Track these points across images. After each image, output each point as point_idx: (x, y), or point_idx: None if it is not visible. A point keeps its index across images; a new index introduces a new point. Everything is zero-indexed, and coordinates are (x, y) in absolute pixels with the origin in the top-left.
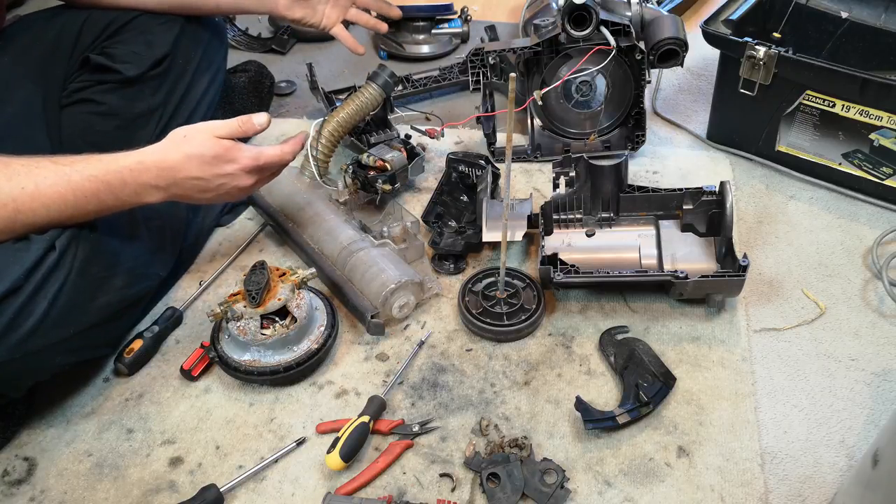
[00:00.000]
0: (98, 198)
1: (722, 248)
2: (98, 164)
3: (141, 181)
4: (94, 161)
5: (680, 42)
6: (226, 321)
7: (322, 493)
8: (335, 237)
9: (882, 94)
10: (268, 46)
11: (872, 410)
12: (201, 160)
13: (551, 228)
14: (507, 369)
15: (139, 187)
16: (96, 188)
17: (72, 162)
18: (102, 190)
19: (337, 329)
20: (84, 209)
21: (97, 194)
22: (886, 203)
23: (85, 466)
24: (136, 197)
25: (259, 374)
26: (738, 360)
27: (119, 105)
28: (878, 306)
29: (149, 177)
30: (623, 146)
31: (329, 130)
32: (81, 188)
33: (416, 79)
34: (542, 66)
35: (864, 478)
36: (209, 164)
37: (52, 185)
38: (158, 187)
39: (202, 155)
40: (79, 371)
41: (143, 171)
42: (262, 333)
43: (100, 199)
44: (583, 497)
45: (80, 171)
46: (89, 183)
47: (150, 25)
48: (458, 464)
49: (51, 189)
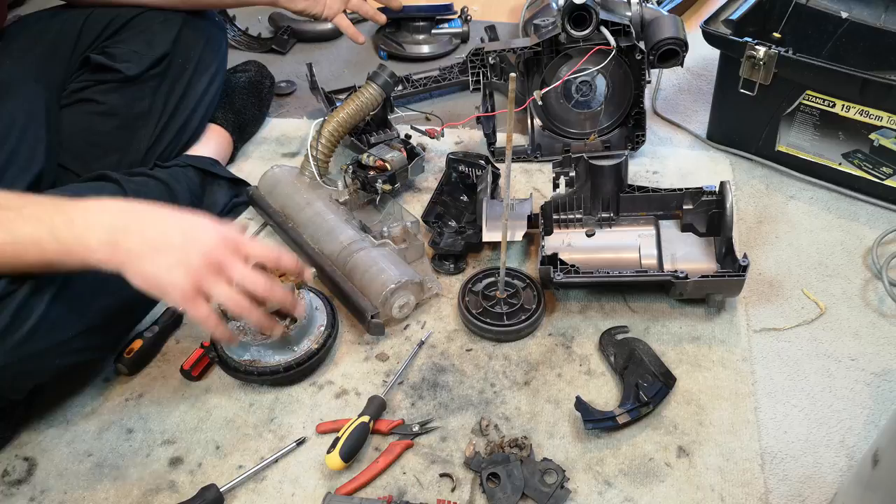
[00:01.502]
0: (39, 245)
1: (722, 248)
2: (50, 204)
3: (90, 219)
4: (48, 202)
5: (680, 42)
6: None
7: (322, 493)
8: (335, 237)
9: (882, 94)
10: (268, 46)
11: (872, 410)
12: (176, 214)
13: (551, 228)
14: (507, 369)
15: (86, 229)
16: (38, 233)
17: (22, 205)
18: (45, 235)
19: (337, 329)
20: (24, 259)
21: (38, 242)
22: (886, 203)
23: (85, 466)
24: (79, 243)
25: (259, 374)
26: (738, 360)
27: (119, 104)
28: (878, 306)
29: (102, 215)
30: (623, 146)
31: (329, 130)
32: (22, 235)
33: (416, 79)
34: (542, 66)
35: (864, 478)
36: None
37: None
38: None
39: (185, 216)
40: (79, 371)
41: (99, 207)
42: (261, 333)
43: (40, 246)
44: (583, 497)
45: (28, 215)
46: (32, 229)
47: (150, 24)
48: (458, 464)
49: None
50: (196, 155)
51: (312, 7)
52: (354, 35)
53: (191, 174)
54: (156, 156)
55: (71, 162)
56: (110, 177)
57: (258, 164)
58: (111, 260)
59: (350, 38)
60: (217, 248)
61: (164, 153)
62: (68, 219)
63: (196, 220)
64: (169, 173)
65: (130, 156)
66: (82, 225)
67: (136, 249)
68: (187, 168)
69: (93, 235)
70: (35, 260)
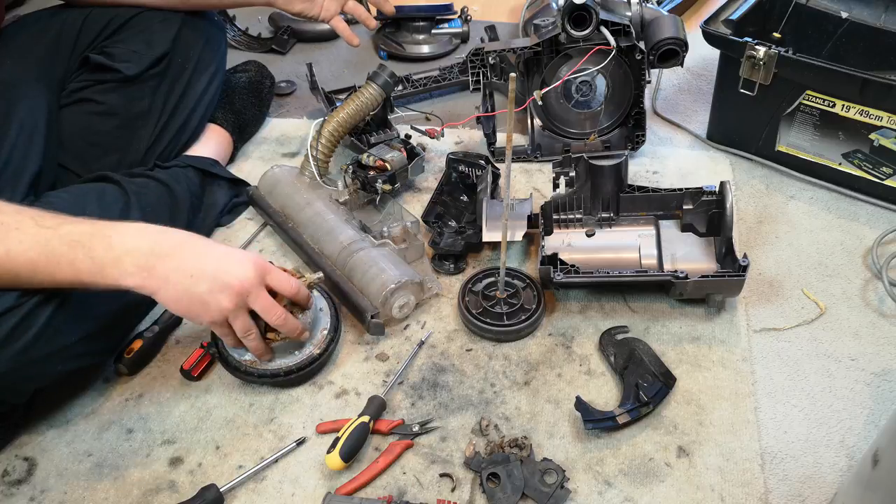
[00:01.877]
0: (73, 265)
1: (722, 248)
2: (87, 226)
3: (127, 243)
4: (85, 223)
5: (680, 42)
6: None
7: (322, 493)
8: (335, 237)
9: (882, 94)
10: (268, 46)
11: (872, 410)
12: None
13: (551, 228)
14: (507, 369)
15: (124, 252)
16: (74, 253)
17: (58, 224)
18: (81, 255)
19: (340, 333)
20: (54, 276)
21: (73, 262)
22: (886, 203)
23: (85, 466)
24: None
25: (259, 376)
26: (738, 360)
27: (119, 104)
28: (878, 306)
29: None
30: (623, 146)
31: (329, 130)
32: (58, 254)
33: (416, 79)
34: (542, 66)
35: (864, 478)
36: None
37: (25, 250)
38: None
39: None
40: (79, 371)
41: (137, 232)
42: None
43: (74, 266)
44: (583, 497)
45: (64, 234)
46: (69, 248)
47: (149, 24)
48: (458, 464)
49: (20, 256)
50: (196, 155)
51: (309, 9)
52: (349, 38)
53: (191, 174)
54: (155, 156)
55: (71, 162)
56: (111, 177)
57: (258, 164)
58: (144, 285)
59: (345, 40)
60: (247, 280)
61: (164, 153)
62: (106, 243)
63: (230, 252)
64: (169, 174)
65: (130, 156)
66: (120, 249)
67: (171, 277)
68: (187, 168)
69: (130, 260)
70: (67, 279)
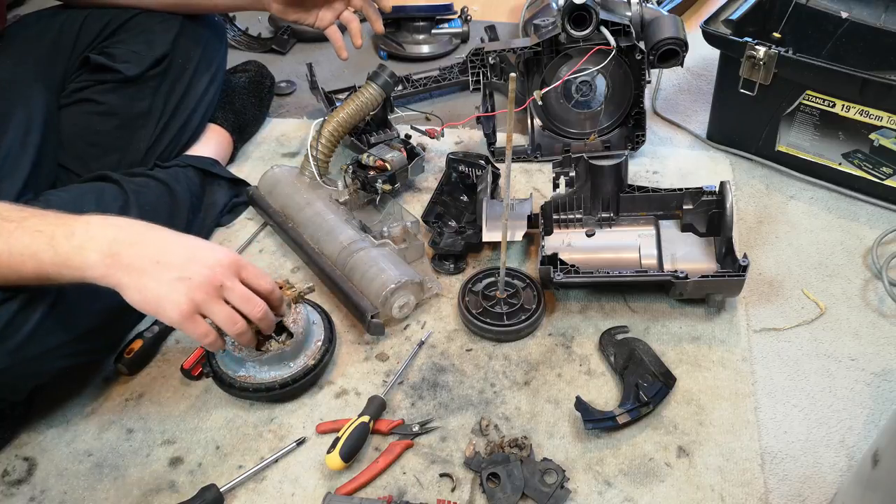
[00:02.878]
0: (36, 257)
1: (722, 248)
2: (52, 217)
3: (91, 232)
4: (51, 216)
5: (680, 42)
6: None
7: (322, 493)
8: (335, 237)
9: (882, 94)
10: (268, 46)
11: (872, 410)
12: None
13: (551, 228)
14: (507, 369)
15: (87, 240)
16: (37, 244)
17: (24, 217)
18: (43, 246)
19: (334, 344)
20: (19, 271)
21: (36, 253)
22: (886, 203)
23: (85, 466)
24: (78, 254)
25: (254, 391)
26: (738, 360)
27: (119, 105)
28: (878, 306)
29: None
30: (623, 146)
31: (329, 130)
32: (20, 245)
33: (416, 79)
34: (542, 66)
35: (864, 478)
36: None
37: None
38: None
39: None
40: (79, 371)
41: (101, 222)
42: (257, 349)
43: (37, 258)
44: (583, 497)
45: (28, 226)
46: (31, 239)
47: (149, 25)
48: (458, 464)
49: None
50: (196, 155)
51: (305, 18)
52: (339, 49)
53: (191, 174)
54: (156, 156)
55: (71, 162)
56: (110, 177)
57: (258, 164)
58: (108, 274)
59: (335, 51)
60: (219, 267)
61: (164, 153)
62: (69, 231)
63: (199, 241)
64: (169, 173)
65: (130, 156)
66: (83, 237)
67: (136, 264)
68: (187, 168)
69: (93, 248)
70: (32, 272)
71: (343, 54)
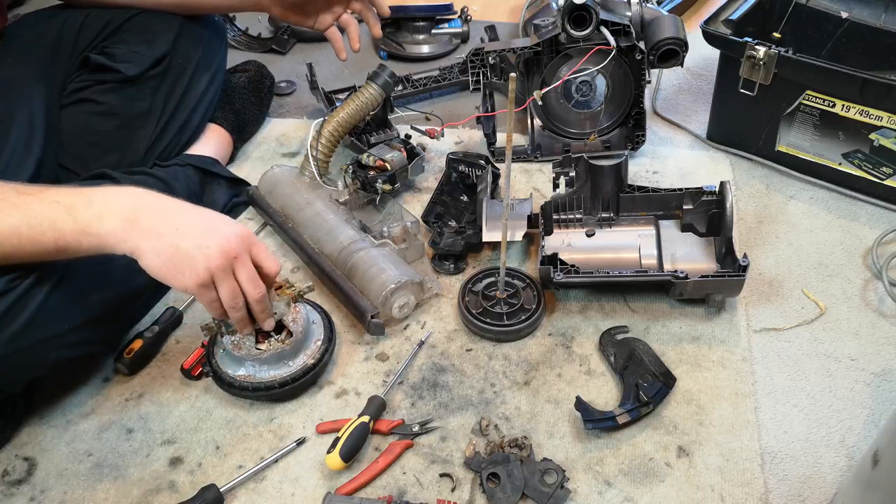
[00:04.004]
0: (55, 226)
1: (722, 248)
2: (69, 189)
3: (110, 199)
4: (69, 188)
5: (680, 42)
6: (220, 335)
7: (322, 493)
8: (335, 237)
9: (882, 94)
10: (268, 46)
11: (872, 410)
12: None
13: (551, 228)
14: (507, 369)
15: (106, 208)
16: (56, 213)
17: (41, 190)
18: (62, 215)
19: (334, 344)
20: (38, 242)
21: (55, 223)
22: (886, 203)
23: (85, 466)
24: (98, 221)
25: (254, 390)
26: (738, 360)
27: (119, 104)
28: (878, 306)
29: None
30: (623, 146)
31: (329, 130)
32: (39, 217)
33: (416, 79)
34: (542, 66)
35: (864, 478)
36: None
37: (7, 217)
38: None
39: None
40: (79, 371)
41: (121, 191)
42: (257, 348)
43: (56, 228)
44: (583, 497)
45: (45, 198)
46: (49, 209)
47: (149, 24)
48: (458, 464)
49: (5, 223)
50: (196, 154)
51: (304, 21)
52: (338, 51)
53: (190, 173)
54: (155, 155)
55: (71, 162)
56: (110, 175)
57: (258, 164)
58: (127, 239)
59: (335, 52)
60: (234, 239)
61: (164, 153)
62: (86, 200)
63: (215, 213)
64: (168, 172)
65: (130, 155)
66: (101, 205)
67: (155, 228)
68: (187, 167)
69: (112, 214)
70: (51, 242)
71: (342, 55)
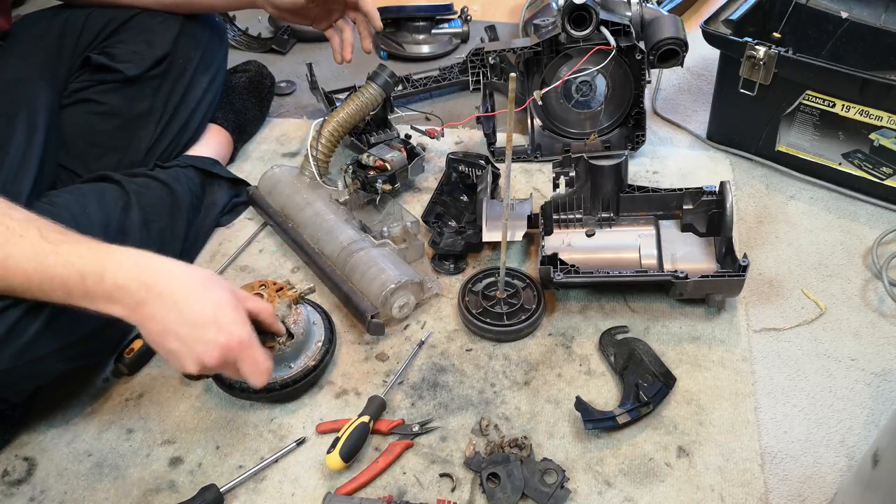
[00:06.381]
0: (66, 287)
1: (722, 248)
2: (85, 248)
3: (119, 277)
4: (84, 246)
5: (680, 42)
6: None
7: (322, 493)
8: (335, 237)
9: (882, 94)
10: (268, 46)
11: (872, 410)
12: (210, 291)
13: (551, 228)
14: (507, 369)
15: (115, 288)
16: (68, 274)
17: (60, 241)
18: (74, 279)
19: (334, 345)
20: (47, 294)
21: (66, 283)
22: (886, 203)
23: (85, 466)
24: (106, 300)
25: (254, 392)
26: (738, 360)
27: (119, 105)
28: (878, 306)
29: (134, 273)
30: (623, 146)
31: (329, 130)
32: (52, 273)
33: (416, 79)
34: (542, 66)
35: (864, 478)
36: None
37: (23, 261)
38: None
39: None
40: (79, 371)
41: (133, 265)
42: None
43: (67, 289)
44: (583, 497)
45: (62, 253)
46: (63, 269)
47: (149, 25)
48: (458, 464)
49: (17, 266)
50: (196, 155)
51: (301, 21)
52: (335, 52)
53: (191, 174)
54: (156, 156)
55: (71, 162)
56: (111, 177)
57: (258, 164)
58: (132, 317)
59: (333, 52)
60: (236, 339)
61: (165, 153)
62: (99, 273)
63: (223, 304)
64: (170, 174)
65: (130, 156)
66: (111, 283)
67: (159, 316)
68: (188, 168)
69: (119, 296)
70: (59, 298)
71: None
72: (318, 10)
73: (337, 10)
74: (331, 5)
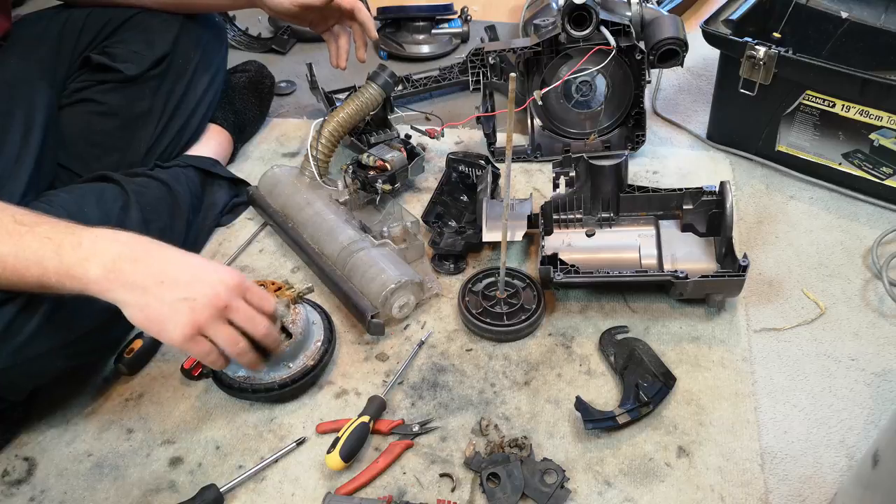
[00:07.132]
0: (41, 264)
1: (722, 248)
2: (63, 226)
3: (98, 245)
4: (62, 225)
5: (680, 42)
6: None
7: (322, 493)
8: (335, 237)
9: (882, 94)
10: (268, 46)
11: (872, 410)
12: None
13: (551, 228)
14: (507, 369)
15: (92, 253)
16: (44, 250)
17: (36, 223)
18: (49, 253)
19: (334, 345)
20: (23, 276)
21: (41, 260)
22: (886, 203)
23: (85, 466)
24: (81, 266)
25: (254, 392)
26: (738, 360)
27: (119, 105)
28: (878, 306)
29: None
30: (623, 146)
31: (329, 130)
32: (27, 250)
33: (416, 79)
34: (542, 66)
35: (864, 478)
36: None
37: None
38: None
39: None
40: (78, 371)
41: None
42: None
43: (42, 265)
44: (583, 497)
45: (39, 232)
46: (39, 244)
47: (149, 24)
48: (458, 464)
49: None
50: (196, 155)
51: (300, 22)
52: (332, 55)
53: (191, 174)
54: (156, 156)
55: (71, 162)
56: (111, 177)
57: (258, 164)
58: (110, 289)
59: (329, 58)
60: (223, 288)
61: (165, 153)
62: (76, 241)
63: (204, 261)
64: (169, 174)
65: (130, 156)
66: (89, 249)
67: (139, 281)
68: (188, 168)
69: (96, 261)
70: (35, 279)
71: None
72: (315, 15)
73: (333, 17)
74: (327, 12)
